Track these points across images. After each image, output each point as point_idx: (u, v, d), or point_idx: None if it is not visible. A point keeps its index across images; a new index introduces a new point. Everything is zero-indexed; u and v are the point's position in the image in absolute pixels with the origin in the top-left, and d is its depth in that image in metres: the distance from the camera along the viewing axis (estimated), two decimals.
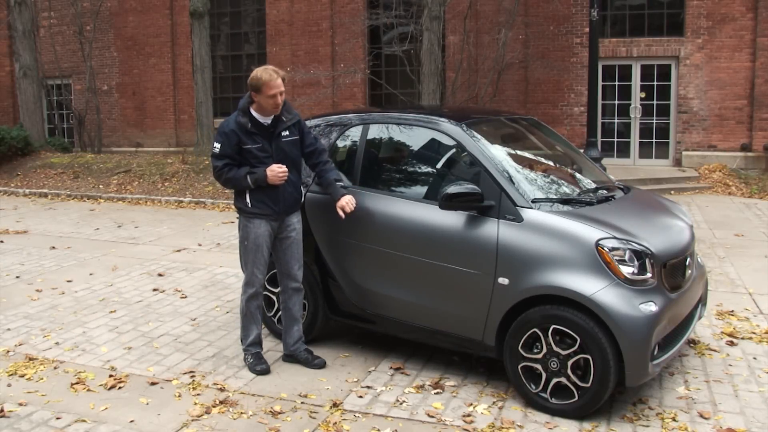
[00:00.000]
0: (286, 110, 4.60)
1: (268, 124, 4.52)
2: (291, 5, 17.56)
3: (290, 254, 4.70)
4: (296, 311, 4.79)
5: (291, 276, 4.72)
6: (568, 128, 15.32)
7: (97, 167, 14.68)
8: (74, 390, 4.43)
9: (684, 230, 4.58)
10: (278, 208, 4.57)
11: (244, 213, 4.63)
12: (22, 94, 16.77)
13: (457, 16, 15.59)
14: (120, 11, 19.42)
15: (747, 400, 4.22)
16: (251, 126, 4.47)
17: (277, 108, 4.46)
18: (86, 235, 9.49)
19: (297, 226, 4.72)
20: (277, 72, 4.40)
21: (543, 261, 4.02)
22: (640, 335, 3.81)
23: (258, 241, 4.59)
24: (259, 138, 4.49)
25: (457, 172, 4.66)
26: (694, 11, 14.40)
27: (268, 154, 4.50)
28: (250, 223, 4.59)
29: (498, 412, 4.08)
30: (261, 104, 4.44)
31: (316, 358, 4.77)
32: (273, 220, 4.59)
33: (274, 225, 4.62)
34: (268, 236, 4.61)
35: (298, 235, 4.73)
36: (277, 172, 4.45)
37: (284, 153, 4.56)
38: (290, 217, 4.68)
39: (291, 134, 4.60)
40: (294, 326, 4.79)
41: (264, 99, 4.40)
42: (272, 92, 4.36)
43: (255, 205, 4.55)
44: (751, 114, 14.31)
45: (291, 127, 4.60)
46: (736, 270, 7.22)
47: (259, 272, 4.65)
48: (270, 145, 4.52)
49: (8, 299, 6.44)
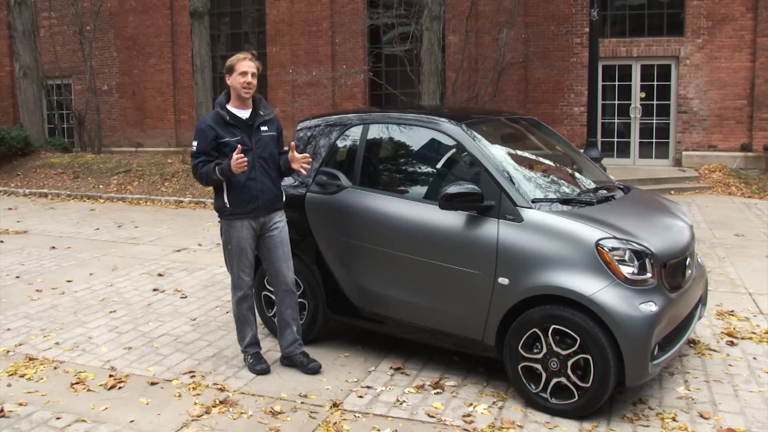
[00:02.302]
0: (263, 106, 4.62)
1: (246, 117, 4.52)
2: (291, 5, 17.55)
3: (276, 254, 4.61)
4: (288, 315, 4.68)
5: (280, 277, 4.63)
6: (568, 128, 15.32)
7: (97, 167, 14.68)
8: (74, 390, 4.43)
9: (684, 230, 4.58)
10: (256, 204, 4.50)
11: (224, 214, 4.57)
12: (22, 94, 16.77)
13: (457, 16, 15.59)
14: (120, 11, 19.42)
15: (747, 400, 4.22)
16: (229, 118, 4.47)
17: (248, 89, 4.44)
18: (86, 235, 9.49)
19: (280, 225, 4.64)
20: (249, 54, 4.51)
21: (543, 261, 4.02)
22: (640, 335, 3.81)
23: (241, 244, 4.54)
24: (238, 131, 4.48)
25: (457, 172, 4.66)
26: (694, 11, 14.40)
27: (247, 147, 4.46)
28: (231, 227, 4.54)
29: (498, 412, 4.08)
30: (233, 86, 4.45)
31: (311, 361, 4.68)
32: (253, 218, 4.53)
33: (255, 225, 4.56)
34: (251, 238, 4.56)
35: (282, 234, 4.65)
36: (236, 158, 4.31)
37: (263, 147, 4.53)
38: (272, 215, 4.60)
39: (270, 129, 4.61)
40: (286, 329, 4.70)
41: (235, 79, 4.43)
42: (242, 69, 4.40)
43: (233, 204, 4.49)
44: (751, 114, 14.31)
45: (269, 122, 4.61)
46: (736, 270, 7.22)
47: (244, 275, 4.60)
48: (250, 139, 4.50)
49: (8, 299, 6.44)
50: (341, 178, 4.95)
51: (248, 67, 4.43)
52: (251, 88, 4.48)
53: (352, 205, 4.83)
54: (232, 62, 4.47)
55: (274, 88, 17.89)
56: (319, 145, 5.19)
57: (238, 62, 4.44)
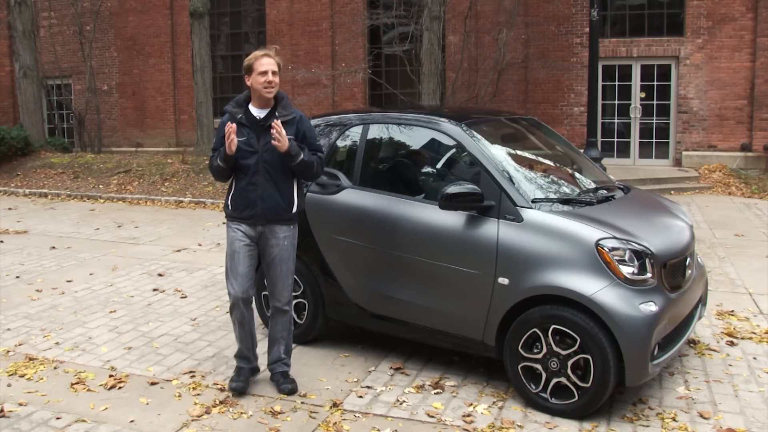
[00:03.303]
0: (282, 106, 4.26)
1: (260, 117, 4.23)
2: (291, 5, 17.56)
3: (273, 272, 4.29)
4: (277, 332, 4.39)
5: (275, 294, 4.35)
6: (568, 128, 15.32)
7: (97, 167, 14.68)
8: (74, 390, 4.42)
9: (684, 230, 4.58)
10: (255, 211, 4.19)
11: (226, 216, 4.34)
12: (22, 94, 16.76)
13: (457, 16, 15.59)
14: (120, 11, 19.42)
15: (747, 400, 4.22)
16: (242, 117, 4.22)
17: (270, 89, 4.15)
18: (86, 235, 9.48)
19: (282, 242, 4.25)
20: (268, 51, 4.21)
21: (543, 261, 4.02)
22: (640, 335, 3.81)
23: (233, 246, 4.24)
24: (247, 130, 4.19)
25: (457, 172, 4.66)
26: (694, 11, 14.40)
27: (253, 149, 4.17)
28: (229, 229, 4.29)
29: (498, 412, 4.08)
30: (254, 88, 4.18)
31: (287, 382, 4.36)
32: (250, 225, 4.22)
33: (252, 233, 4.24)
34: (246, 244, 4.23)
35: (283, 252, 4.26)
36: (227, 135, 4.09)
37: (272, 151, 4.13)
38: (274, 228, 4.23)
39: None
40: (273, 346, 4.43)
41: (255, 80, 4.15)
42: (262, 69, 4.11)
43: (233, 206, 4.27)
44: (751, 114, 14.31)
45: (285, 124, 4.17)
46: (736, 270, 7.22)
47: (234, 281, 4.23)
48: (257, 140, 4.18)
49: (8, 299, 6.44)
50: (341, 178, 4.95)
51: (268, 65, 4.13)
52: (273, 87, 4.18)
53: (352, 205, 4.83)
54: (250, 61, 4.17)
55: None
56: None
57: (257, 60, 4.14)
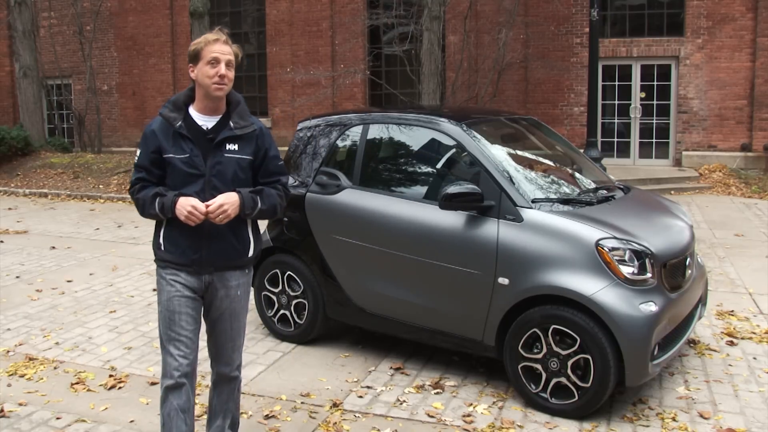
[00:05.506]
0: (238, 114, 3.12)
1: (207, 127, 3.08)
2: (291, 5, 17.56)
3: (221, 330, 3.23)
4: (222, 402, 3.34)
5: (220, 359, 3.30)
6: (568, 128, 15.32)
7: (97, 167, 14.68)
8: (74, 390, 4.43)
9: (684, 230, 4.58)
10: (198, 256, 3.08)
11: (156, 259, 3.20)
12: (22, 94, 16.77)
13: (457, 16, 15.59)
14: (120, 11, 19.42)
15: (747, 400, 4.22)
16: (181, 125, 3.05)
17: (221, 86, 2.99)
18: (86, 235, 9.49)
19: (234, 292, 3.18)
20: (222, 35, 3.05)
21: (543, 261, 4.02)
22: (640, 335, 3.81)
23: (171, 305, 3.09)
24: (190, 145, 3.04)
25: (457, 172, 4.66)
26: (694, 11, 14.40)
27: (197, 171, 3.03)
28: (162, 279, 3.14)
29: (498, 412, 4.08)
30: (199, 82, 3.03)
31: None
32: (193, 274, 3.10)
33: (196, 284, 3.12)
34: (188, 299, 3.11)
35: (235, 304, 3.21)
36: (185, 206, 2.95)
37: (222, 175, 3.05)
38: (224, 275, 3.15)
39: (240, 150, 3.09)
40: (216, 420, 3.36)
41: (202, 70, 3.00)
42: (212, 56, 2.97)
43: (167, 247, 3.12)
44: (751, 114, 14.31)
45: (241, 139, 3.09)
46: (736, 270, 7.22)
47: (177, 351, 3.09)
48: (203, 160, 3.04)
49: (8, 299, 6.44)
50: (341, 178, 4.96)
51: (221, 53, 2.98)
52: (225, 84, 3.02)
53: (352, 205, 4.83)
54: (198, 46, 3.01)
55: (273, 88, 17.91)
56: (319, 145, 5.19)
57: (207, 45, 2.99)
